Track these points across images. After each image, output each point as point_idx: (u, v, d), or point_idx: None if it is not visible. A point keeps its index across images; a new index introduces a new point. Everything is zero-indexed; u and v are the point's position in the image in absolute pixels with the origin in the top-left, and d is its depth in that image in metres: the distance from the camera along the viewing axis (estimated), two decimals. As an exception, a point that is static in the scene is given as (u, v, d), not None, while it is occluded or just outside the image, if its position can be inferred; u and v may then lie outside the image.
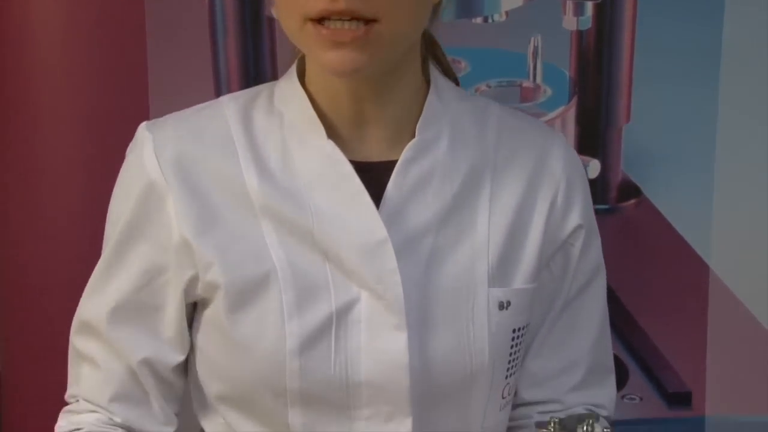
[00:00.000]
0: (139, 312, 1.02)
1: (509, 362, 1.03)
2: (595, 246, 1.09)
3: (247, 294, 0.98)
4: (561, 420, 0.69)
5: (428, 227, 1.00)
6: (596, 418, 0.67)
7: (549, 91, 1.79)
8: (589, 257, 1.08)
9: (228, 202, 0.99)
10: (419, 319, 0.99)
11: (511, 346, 1.03)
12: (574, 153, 1.09)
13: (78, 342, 1.05)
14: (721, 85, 1.77)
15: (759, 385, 1.80)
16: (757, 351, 1.80)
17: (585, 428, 0.67)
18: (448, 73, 1.08)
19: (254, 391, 1.00)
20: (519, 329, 1.03)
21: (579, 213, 1.06)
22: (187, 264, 0.99)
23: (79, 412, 1.05)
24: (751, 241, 1.80)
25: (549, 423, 0.68)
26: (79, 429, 1.03)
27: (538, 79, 1.77)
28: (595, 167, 1.79)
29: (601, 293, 1.10)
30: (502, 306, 1.01)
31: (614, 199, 1.80)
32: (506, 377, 1.04)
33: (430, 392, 1.00)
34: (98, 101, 1.89)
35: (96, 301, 1.03)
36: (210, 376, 1.03)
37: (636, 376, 1.81)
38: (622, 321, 1.79)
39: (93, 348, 1.03)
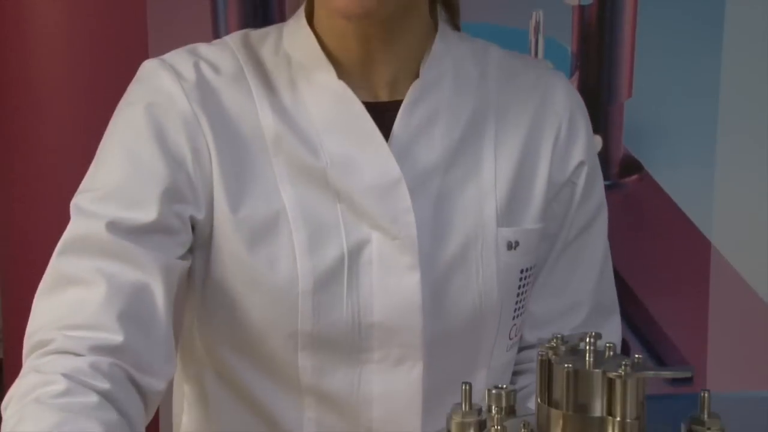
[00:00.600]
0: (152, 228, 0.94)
1: (516, 303, 1.03)
2: (598, 185, 1.09)
3: (259, 231, 0.96)
4: (564, 336, 0.69)
5: (436, 167, 1.00)
6: (599, 336, 0.67)
7: (550, 67, 1.79)
8: (591, 196, 1.07)
9: (242, 135, 0.98)
10: (430, 260, 0.98)
11: (519, 287, 1.03)
12: (575, 91, 1.08)
13: (67, 264, 0.93)
14: (723, 60, 1.77)
15: (760, 360, 1.80)
16: (758, 327, 1.79)
17: (588, 341, 0.66)
18: (454, 16, 1.08)
19: (266, 333, 0.99)
20: (527, 269, 1.03)
21: (581, 150, 1.06)
22: (204, 197, 0.96)
23: (56, 354, 0.89)
24: (753, 217, 1.79)
25: (552, 340, 0.68)
26: (58, 378, 0.86)
27: (540, 55, 1.77)
28: (597, 143, 1.79)
29: (602, 233, 1.10)
30: (511, 246, 1.01)
31: (616, 175, 1.80)
32: (513, 318, 1.03)
33: (440, 333, 1.00)
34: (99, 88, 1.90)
35: (99, 212, 0.94)
36: (222, 319, 1.00)
37: (637, 352, 1.81)
38: (623, 297, 1.78)
39: (88, 266, 0.91)
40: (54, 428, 0.82)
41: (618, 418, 0.64)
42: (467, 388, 0.72)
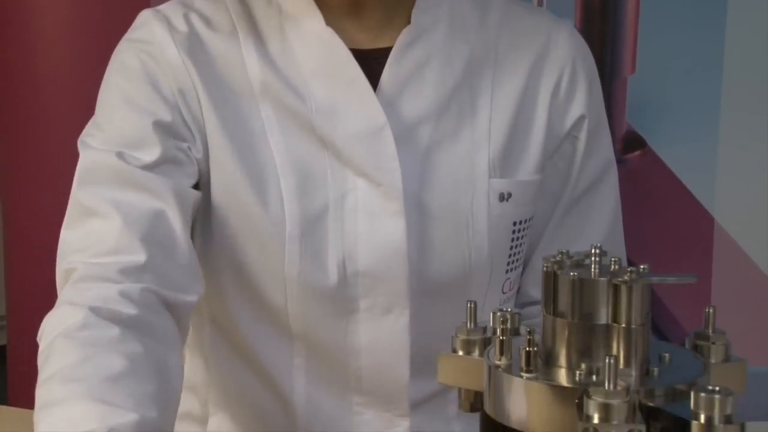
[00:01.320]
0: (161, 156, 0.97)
1: (510, 256, 1.02)
2: (604, 142, 1.08)
3: (248, 175, 0.97)
4: (569, 251, 0.68)
5: (426, 117, 0.99)
6: (604, 252, 0.67)
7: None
8: (595, 152, 1.06)
9: (230, 84, 0.99)
10: (417, 208, 0.98)
11: (512, 240, 1.02)
12: (582, 41, 1.07)
13: (84, 195, 0.95)
14: (726, 36, 1.77)
15: (764, 335, 1.79)
16: (761, 301, 1.79)
17: (593, 253, 0.66)
18: None
19: (258, 277, 0.99)
20: (521, 222, 1.02)
21: (582, 103, 1.04)
22: (200, 138, 0.98)
23: (85, 282, 0.91)
24: (756, 192, 1.79)
25: (558, 254, 0.68)
26: (82, 313, 0.87)
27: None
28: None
29: (611, 191, 1.08)
30: (503, 197, 1.01)
31: (619, 151, 1.80)
32: (506, 272, 1.03)
33: (428, 283, 1.00)
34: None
35: (107, 149, 0.97)
36: (219, 263, 1.01)
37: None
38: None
39: (105, 196, 0.94)
40: (75, 367, 0.83)
41: (623, 325, 0.64)
42: (472, 306, 0.72)
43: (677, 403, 0.62)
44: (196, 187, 0.99)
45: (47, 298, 1.70)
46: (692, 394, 0.60)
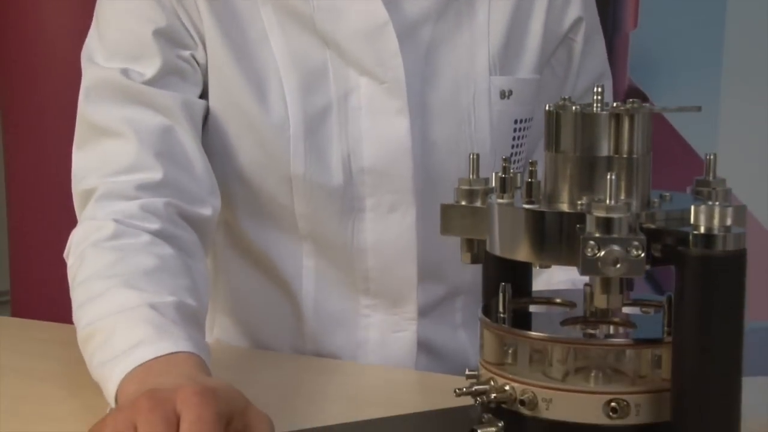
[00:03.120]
0: (169, 69, 0.97)
1: (511, 155, 1.03)
2: (599, 46, 1.09)
3: (251, 75, 0.97)
4: (571, 97, 0.69)
5: (427, 15, 1.00)
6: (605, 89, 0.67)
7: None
8: (592, 56, 1.08)
9: None
10: (420, 106, 0.99)
11: (513, 138, 1.03)
12: None
13: (93, 112, 0.96)
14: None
15: (764, 290, 1.79)
16: (761, 256, 1.80)
17: (595, 91, 0.67)
18: None
19: (262, 177, 0.99)
20: (522, 121, 1.04)
21: (579, 6, 1.06)
22: (201, 42, 0.98)
23: (106, 200, 0.92)
24: (757, 147, 1.80)
25: (561, 99, 0.68)
26: (108, 223, 0.89)
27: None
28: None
29: (607, 99, 1.09)
30: (504, 95, 1.02)
31: (620, 106, 1.81)
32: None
33: (432, 181, 1.00)
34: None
35: (110, 65, 0.96)
36: (221, 166, 1.00)
37: (640, 289, 1.81)
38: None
39: (115, 115, 0.95)
40: (109, 267, 0.85)
41: (625, 155, 0.65)
42: (475, 157, 0.72)
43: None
44: (204, 95, 0.99)
45: (51, 274, 1.70)
46: (692, 208, 0.60)
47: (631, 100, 0.66)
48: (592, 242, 0.60)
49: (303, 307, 1.03)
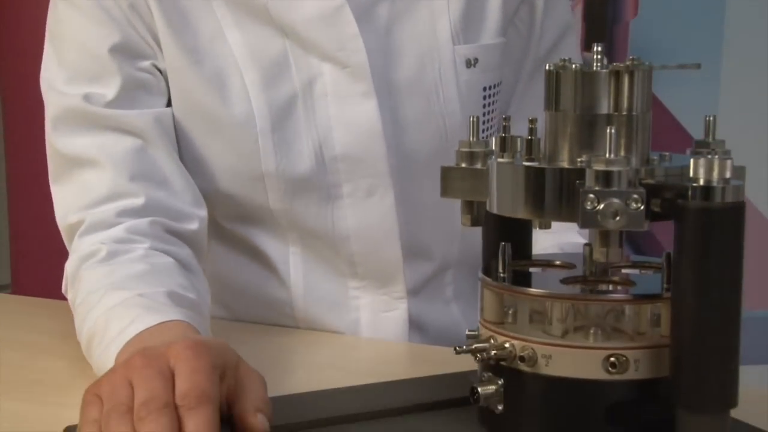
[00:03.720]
0: (130, 83, 0.96)
1: (483, 122, 1.03)
2: (561, 2, 1.09)
3: (211, 76, 0.96)
4: (571, 58, 0.69)
5: None
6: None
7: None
8: (553, 12, 1.07)
9: None
10: (386, 86, 0.98)
11: (484, 106, 1.03)
12: None
13: (64, 143, 0.96)
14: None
15: (763, 279, 1.80)
16: (761, 245, 1.80)
17: (595, 50, 0.67)
18: None
19: (233, 180, 0.99)
20: (490, 87, 1.03)
21: None
22: (159, 53, 0.97)
23: (91, 232, 0.93)
24: (756, 137, 1.81)
25: (561, 60, 0.68)
26: (100, 247, 0.90)
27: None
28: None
29: (573, 49, 1.10)
30: (470, 63, 1.01)
31: (621, 94, 1.81)
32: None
33: (407, 160, 1.00)
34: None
35: (71, 92, 0.96)
36: (192, 170, 0.99)
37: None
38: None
39: (84, 143, 0.95)
40: (102, 278, 0.87)
41: (624, 113, 0.65)
42: (475, 119, 0.72)
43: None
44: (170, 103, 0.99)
45: (51, 266, 1.71)
46: (691, 161, 0.60)
47: (630, 57, 0.66)
48: (591, 195, 0.60)
49: (293, 292, 1.03)
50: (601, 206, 0.60)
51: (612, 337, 0.66)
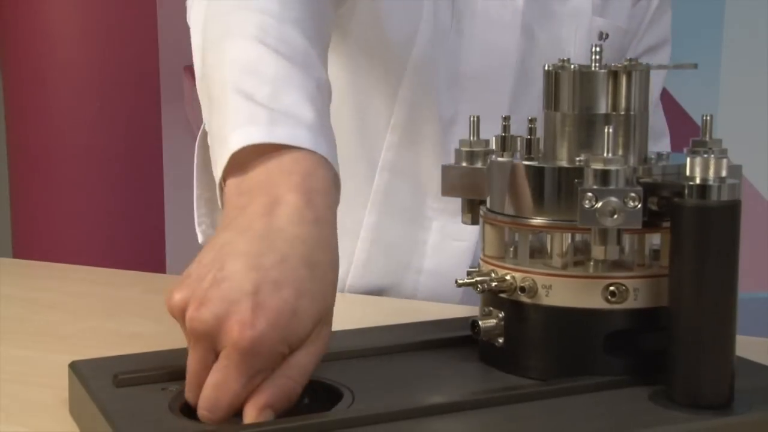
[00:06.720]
0: None
1: None
2: (667, 15, 1.15)
3: None
4: (569, 58, 0.70)
5: None
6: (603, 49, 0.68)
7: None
8: (661, 20, 1.14)
9: None
10: (529, 30, 1.04)
11: None
12: None
13: None
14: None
15: (764, 260, 1.81)
16: (761, 227, 1.81)
17: (593, 50, 0.68)
18: None
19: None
20: None
21: None
22: None
23: None
24: (757, 119, 1.81)
25: (559, 60, 0.69)
26: None
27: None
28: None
29: (664, 61, 1.15)
30: (602, 36, 1.06)
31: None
32: None
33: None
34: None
35: None
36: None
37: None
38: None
39: None
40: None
41: (622, 112, 0.66)
42: (475, 119, 0.73)
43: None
44: None
45: (54, 243, 1.72)
46: (687, 160, 0.61)
47: (628, 57, 0.67)
48: (589, 194, 0.61)
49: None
50: (599, 204, 0.61)
51: (612, 268, 0.66)
